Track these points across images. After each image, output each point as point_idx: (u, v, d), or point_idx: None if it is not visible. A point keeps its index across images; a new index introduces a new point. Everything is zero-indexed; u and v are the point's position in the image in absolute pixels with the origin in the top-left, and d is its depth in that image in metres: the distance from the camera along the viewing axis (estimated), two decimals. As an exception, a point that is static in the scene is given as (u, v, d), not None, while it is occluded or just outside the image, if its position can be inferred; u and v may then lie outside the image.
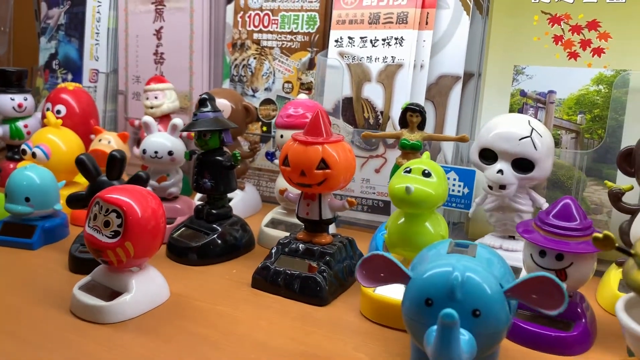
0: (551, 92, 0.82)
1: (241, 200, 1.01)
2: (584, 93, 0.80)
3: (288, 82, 1.08)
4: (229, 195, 0.99)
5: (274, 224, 0.90)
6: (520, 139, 0.68)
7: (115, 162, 0.78)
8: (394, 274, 0.52)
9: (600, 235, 0.44)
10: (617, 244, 0.44)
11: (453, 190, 0.86)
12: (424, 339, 0.47)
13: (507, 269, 0.53)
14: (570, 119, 0.81)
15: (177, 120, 0.90)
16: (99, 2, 1.35)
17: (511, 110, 0.84)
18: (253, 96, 1.12)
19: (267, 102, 1.10)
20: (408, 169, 0.65)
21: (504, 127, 0.70)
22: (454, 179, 0.86)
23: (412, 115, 0.78)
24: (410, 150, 0.79)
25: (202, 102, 0.81)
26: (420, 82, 0.90)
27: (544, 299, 0.48)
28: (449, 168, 0.86)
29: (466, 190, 0.84)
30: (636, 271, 0.43)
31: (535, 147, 0.68)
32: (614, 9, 0.78)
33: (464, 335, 0.46)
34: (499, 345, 0.53)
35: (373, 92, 0.94)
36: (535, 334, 0.60)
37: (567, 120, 0.81)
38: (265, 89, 1.11)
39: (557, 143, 0.82)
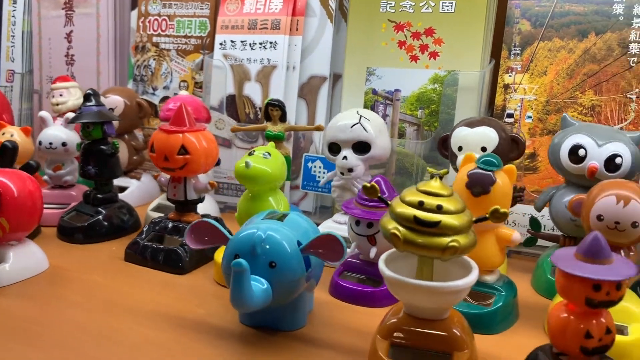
0: (397, 90, 0.94)
1: (137, 189, 1.10)
2: (423, 91, 0.92)
3: (184, 80, 1.18)
4: (125, 184, 1.09)
5: (159, 208, 0.99)
6: (351, 126, 0.80)
7: (7, 152, 0.86)
8: (216, 236, 0.62)
9: (368, 184, 0.55)
10: (379, 195, 0.55)
11: (319, 177, 0.97)
12: (232, 288, 0.58)
13: (314, 232, 0.64)
14: (412, 114, 0.93)
15: (71, 114, 0.99)
16: (14, 6, 1.42)
17: (365, 107, 0.96)
18: (153, 94, 1.21)
19: (165, 99, 1.20)
20: (251, 152, 0.75)
21: (339, 120, 0.82)
22: (320, 167, 0.98)
23: (272, 110, 0.89)
24: (275, 140, 0.90)
25: (86, 97, 0.90)
26: (293, 81, 1.01)
27: (330, 252, 0.59)
28: (316, 157, 0.98)
29: (329, 177, 0.95)
30: (387, 219, 0.54)
31: (365, 130, 0.80)
32: (445, 18, 0.91)
33: (262, 285, 0.57)
34: (308, 295, 0.64)
35: (252, 90, 1.04)
36: (354, 290, 0.71)
37: (410, 114, 0.94)
38: (164, 87, 1.20)
39: (402, 135, 0.94)
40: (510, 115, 0.90)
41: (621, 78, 0.84)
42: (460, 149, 0.76)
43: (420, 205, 0.52)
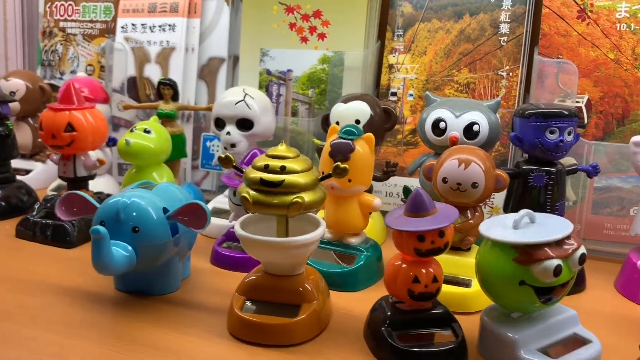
0: (289, 70, 0.98)
1: (42, 171, 1.11)
2: (313, 71, 0.96)
3: (90, 65, 1.19)
4: (30, 167, 1.10)
5: (60, 188, 1.00)
6: (235, 103, 0.83)
7: None
8: (86, 207, 0.65)
9: (222, 155, 0.58)
10: (234, 164, 0.58)
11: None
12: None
13: (186, 201, 0.67)
14: (304, 93, 0.97)
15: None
16: None
17: (260, 87, 1.00)
18: (61, 78, 1.22)
19: (72, 84, 1.21)
20: (133, 128, 0.78)
21: (224, 97, 0.85)
22: (218, 146, 1.01)
23: (164, 88, 0.92)
24: (166, 119, 0.92)
25: (-22, 79, 0.91)
26: (192, 63, 1.04)
27: (194, 220, 0.62)
28: (214, 137, 1.01)
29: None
30: (241, 186, 0.57)
31: (249, 108, 0.83)
32: (332, 0, 0.95)
33: (124, 249, 0.59)
34: (181, 261, 0.67)
35: (152, 72, 1.07)
36: (232, 258, 0.75)
37: (301, 94, 0.98)
38: (71, 72, 1.21)
39: (295, 113, 0.98)
40: (394, 94, 0.95)
41: (493, 56, 0.90)
42: (337, 123, 0.80)
43: (265, 168, 0.56)
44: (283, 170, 0.55)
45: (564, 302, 0.58)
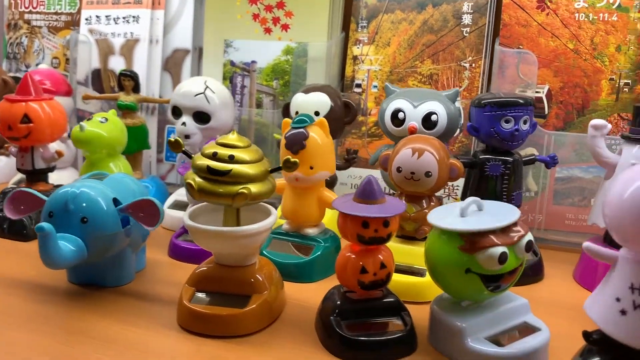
0: (253, 62, 0.97)
1: (5, 166, 1.09)
2: (277, 62, 0.96)
3: (56, 57, 1.17)
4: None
5: (22, 182, 0.99)
6: (195, 95, 0.82)
7: None
8: (34, 202, 0.63)
9: (172, 139, 0.57)
10: (183, 148, 0.57)
11: (182, 148, 0.99)
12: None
13: (141, 194, 0.66)
14: (268, 84, 0.97)
15: None
16: None
17: (224, 78, 0.99)
18: (26, 71, 1.20)
19: (37, 76, 1.19)
20: (90, 117, 0.77)
21: (184, 87, 0.84)
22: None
23: (125, 80, 0.91)
24: (127, 110, 0.91)
25: None
26: (156, 55, 1.03)
27: (148, 217, 0.61)
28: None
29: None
30: (189, 172, 0.57)
31: (208, 101, 0.82)
32: (295, -8, 0.94)
33: (72, 244, 0.58)
34: (135, 253, 0.67)
35: (117, 64, 1.05)
36: (189, 250, 0.74)
37: (266, 85, 0.97)
38: (37, 65, 1.19)
39: (260, 105, 0.97)
40: (359, 86, 0.94)
41: (456, 47, 0.89)
42: (297, 114, 0.79)
43: (214, 156, 0.55)
44: (231, 159, 0.55)
45: (522, 291, 0.58)
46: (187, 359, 0.53)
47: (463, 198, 0.73)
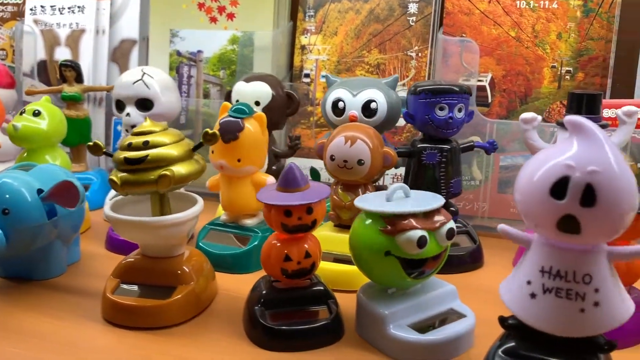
0: (199, 51, 0.96)
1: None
2: (224, 52, 0.94)
3: (3, 49, 1.15)
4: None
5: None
6: (133, 83, 0.80)
7: None
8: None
9: (91, 143, 0.56)
10: (104, 150, 0.56)
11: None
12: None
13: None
14: (215, 74, 0.95)
15: None
16: None
17: (171, 68, 0.97)
18: (-27, 64, 1.18)
19: (-16, 69, 1.16)
20: (23, 110, 0.75)
21: (123, 78, 0.82)
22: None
23: (66, 70, 0.89)
24: (71, 102, 0.89)
25: None
26: (102, 45, 1.01)
27: (67, 198, 0.60)
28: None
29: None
30: (113, 171, 0.55)
31: (147, 87, 0.80)
32: (241, -20, 0.93)
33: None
34: (67, 245, 0.65)
35: (63, 55, 1.03)
36: (125, 242, 0.73)
37: (212, 75, 0.96)
38: (-16, 57, 1.17)
39: (207, 95, 0.96)
40: (307, 75, 0.94)
41: (402, 37, 0.89)
42: (237, 102, 0.78)
43: (129, 147, 0.54)
44: (146, 145, 0.53)
45: (460, 279, 0.58)
46: (107, 351, 0.51)
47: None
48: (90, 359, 0.50)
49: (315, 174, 0.82)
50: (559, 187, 0.38)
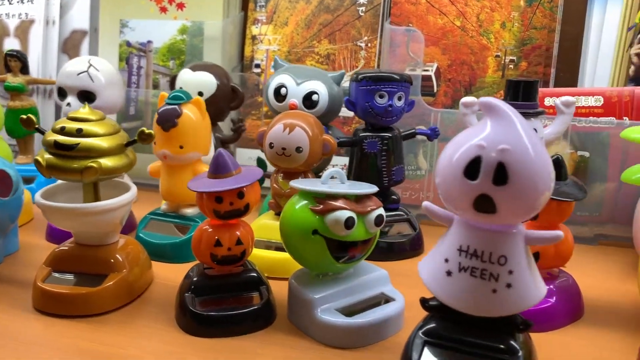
0: (149, 42, 0.95)
1: None
2: (173, 42, 0.94)
3: (-48, 40, 1.13)
4: None
5: None
6: (78, 74, 0.79)
7: None
8: None
9: (24, 116, 0.55)
10: (37, 126, 0.55)
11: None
12: None
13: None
14: (164, 65, 0.95)
15: None
16: None
17: (120, 59, 0.96)
18: None
19: None
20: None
21: (68, 66, 0.81)
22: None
23: (11, 60, 0.87)
24: (15, 92, 0.88)
25: None
26: (53, 36, 1.00)
27: (2, 189, 0.59)
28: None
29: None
30: (41, 151, 0.55)
31: (92, 80, 0.79)
32: (190, -30, 0.92)
33: None
34: (4, 235, 0.64)
35: (12, 46, 1.01)
36: (61, 232, 0.71)
37: (162, 65, 0.95)
38: None
39: (157, 86, 0.95)
40: (258, 66, 0.93)
41: (352, 27, 0.89)
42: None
43: (61, 130, 0.53)
44: (79, 132, 0.53)
45: (399, 265, 0.58)
46: (32, 339, 0.51)
47: (349, 175, 0.73)
48: (20, 349, 0.49)
49: (262, 164, 0.81)
50: (472, 168, 0.38)
